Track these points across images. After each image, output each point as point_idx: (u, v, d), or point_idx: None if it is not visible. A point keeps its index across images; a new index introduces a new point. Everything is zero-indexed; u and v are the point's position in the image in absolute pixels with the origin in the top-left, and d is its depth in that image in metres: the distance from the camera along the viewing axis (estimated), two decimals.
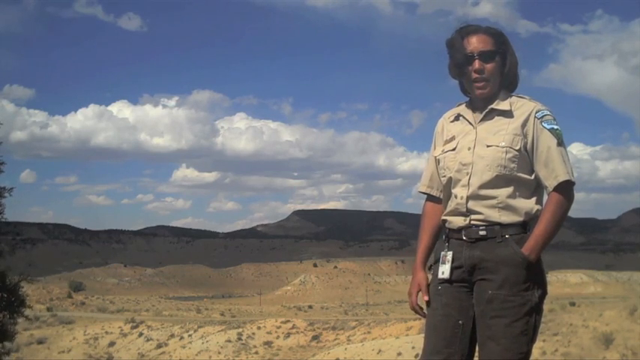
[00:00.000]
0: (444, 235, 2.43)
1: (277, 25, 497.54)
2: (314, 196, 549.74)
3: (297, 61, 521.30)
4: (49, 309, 49.83)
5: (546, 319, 31.02)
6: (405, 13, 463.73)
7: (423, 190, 2.55)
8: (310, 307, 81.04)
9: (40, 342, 39.55)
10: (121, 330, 43.36)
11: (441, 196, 2.48)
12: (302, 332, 42.14)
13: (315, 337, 41.25)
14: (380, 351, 32.25)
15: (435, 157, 2.48)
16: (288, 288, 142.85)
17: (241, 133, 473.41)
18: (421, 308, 2.45)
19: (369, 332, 39.92)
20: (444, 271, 2.34)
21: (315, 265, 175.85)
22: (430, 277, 2.48)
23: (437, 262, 2.41)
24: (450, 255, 2.34)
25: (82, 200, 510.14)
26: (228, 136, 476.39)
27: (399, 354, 30.67)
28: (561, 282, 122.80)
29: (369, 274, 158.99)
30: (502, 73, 2.36)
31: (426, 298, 2.41)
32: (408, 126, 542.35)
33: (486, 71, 2.32)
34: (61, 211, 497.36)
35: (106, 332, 43.01)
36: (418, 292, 2.44)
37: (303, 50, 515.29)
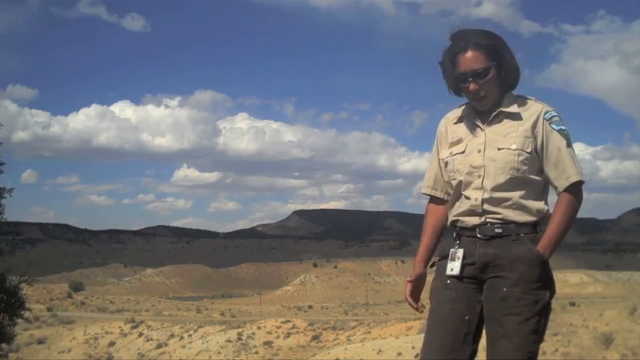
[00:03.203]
0: (454, 232, 2.41)
1: (280, 26, 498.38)
2: (315, 196, 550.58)
3: (300, 62, 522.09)
4: (49, 309, 49.78)
5: None
6: (407, 13, 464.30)
7: (427, 191, 2.54)
8: (310, 307, 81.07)
9: (40, 342, 39.53)
10: (121, 330, 43.36)
11: (445, 198, 2.48)
12: (302, 332, 42.14)
13: (315, 337, 41.25)
14: (380, 351, 32.26)
15: (442, 159, 2.46)
16: (288, 288, 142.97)
17: (243, 133, 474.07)
18: (416, 301, 2.42)
19: (369, 332, 39.92)
20: (454, 267, 2.33)
21: (315, 265, 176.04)
22: (429, 274, 2.47)
23: (443, 258, 2.40)
24: (460, 252, 2.33)
25: (83, 200, 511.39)
26: (229, 137, 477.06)
27: (399, 354, 30.67)
28: (561, 282, 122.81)
29: (369, 274, 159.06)
30: (500, 80, 2.33)
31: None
32: (409, 126, 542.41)
33: (482, 90, 2.29)
34: (62, 211, 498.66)
35: (106, 332, 43.01)
36: (412, 285, 2.42)
37: (306, 50, 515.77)
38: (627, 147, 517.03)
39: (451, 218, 2.42)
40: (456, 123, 2.46)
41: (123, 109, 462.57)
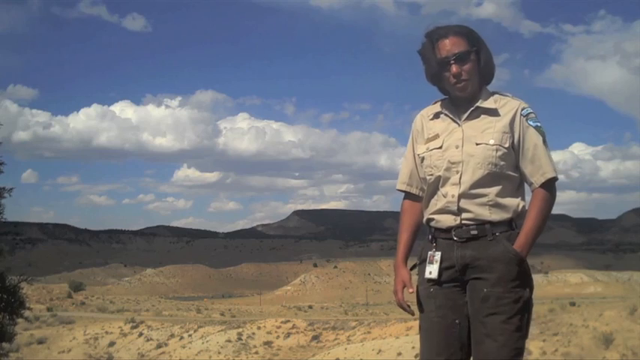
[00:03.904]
0: (429, 235, 2.42)
1: (281, 26, 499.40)
2: (315, 196, 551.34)
3: (301, 62, 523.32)
4: (49, 309, 49.75)
5: (546, 319, 30.97)
6: (408, 13, 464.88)
7: (402, 188, 2.56)
8: (310, 307, 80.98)
9: (40, 342, 39.51)
10: (121, 330, 43.33)
11: (420, 194, 2.50)
12: (302, 332, 42.10)
13: (315, 337, 41.21)
14: (380, 351, 32.23)
15: (419, 155, 2.47)
16: (288, 288, 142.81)
17: (244, 133, 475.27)
18: (408, 306, 2.46)
19: (369, 332, 39.85)
20: (432, 271, 2.35)
21: (315, 265, 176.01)
22: (414, 274, 2.49)
23: (422, 262, 2.40)
24: (438, 255, 2.35)
25: (84, 200, 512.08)
26: (230, 137, 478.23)
27: (399, 354, 30.65)
28: (561, 282, 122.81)
29: (369, 274, 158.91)
30: (479, 70, 2.36)
31: (412, 290, 2.41)
32: (410, 126, 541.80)
33: (464, 73, 2.32)
34: (62, 211, 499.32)
35: (106, 332, 42.98)
36: (403, 288, 2.44)
37: (306, 50, 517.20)
38: (627, 147, 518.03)
39: (426, 216, 2.44)
40: (432, 119, 2.48)
41: (123, 109, 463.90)
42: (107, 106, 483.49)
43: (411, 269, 2.47)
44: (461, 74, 2.31)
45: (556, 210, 2.43)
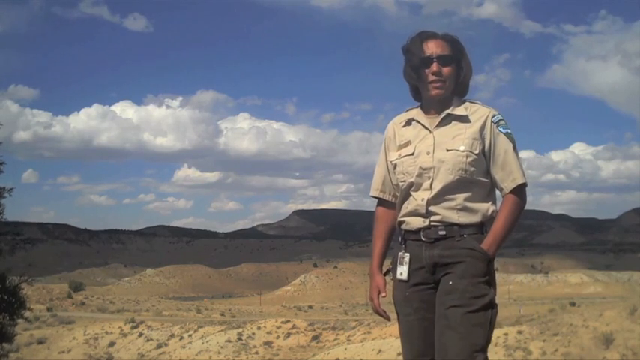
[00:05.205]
0: (400, 237, 2.47)
1: (282, 26, 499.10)
2: (315, 196, 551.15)
3: (301, 62, 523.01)
4: (49, 309, 49.76)
5: (546, 319, 31.00)
6: (409, 13, 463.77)
7: (375, 194, 2.61)
8: (310, 307, 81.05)
9: (40, 342, 39.52)
10: (121, 330, 43.33)
11: (393, 201, 2.55)
12: (302, 332, 42.10)
13: (315, 337, 41.21)
14: (380, 351, 32.22)
15: (391, 162, 2.52)
16: (288, 288, 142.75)
17: (244, 133, 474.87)
18: (384, 311, 2.50)
19: (369, 332, 39.84)
20: (402, 272, 2.40)
21: (315, 265, 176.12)
22: (388, 279, 2.53)
23: (394, 266, 2.45)
24: (407, 256, 2.40)
25: (84, 200, 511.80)
26: (231, 137, 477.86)
27: (399, 354, 30.62)
28: (561, 282, 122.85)
29: (369, 274, 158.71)
30: (457, 79, 2.43)
31: (384, 294, 2.48)
32: None
33: (443, 74, 2.39)
34: (63, 211, 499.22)
35: (106, 332, 42.98)
36: (379, 294, 2.50)
37: (307, 50, 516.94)
38: (628, 147, 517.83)
39: (398, 219, 2.48)
40: (404, 126, 2.54)
41: (124, 109, 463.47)
42: (108, 106, 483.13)
43: (385, 274, 2.52)
44: (440, 72, 2.38)
45: (556, 210, 2.46)
